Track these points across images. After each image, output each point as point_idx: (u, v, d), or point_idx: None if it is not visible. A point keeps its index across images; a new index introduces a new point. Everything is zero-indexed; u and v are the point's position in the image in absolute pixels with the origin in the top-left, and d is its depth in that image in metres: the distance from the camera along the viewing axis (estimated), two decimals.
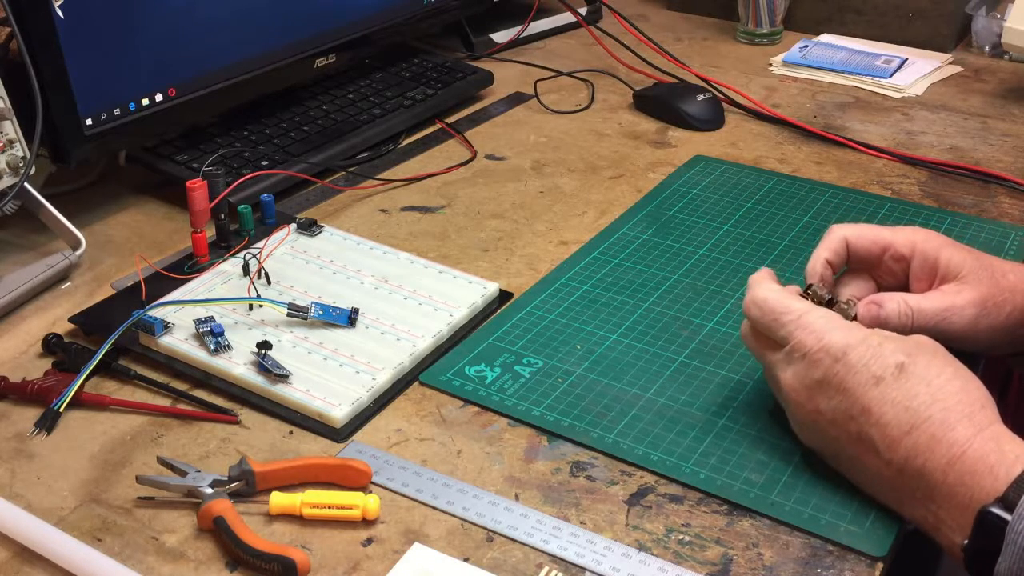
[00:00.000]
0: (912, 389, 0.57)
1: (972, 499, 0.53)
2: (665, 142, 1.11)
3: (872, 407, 0.58)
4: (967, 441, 0.55)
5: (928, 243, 0.69)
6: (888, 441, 0.57)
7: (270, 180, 0.96)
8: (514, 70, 1.30)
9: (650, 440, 0.67)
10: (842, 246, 0.70)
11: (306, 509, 0.60)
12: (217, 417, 0.69)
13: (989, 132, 1.13)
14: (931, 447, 0.55)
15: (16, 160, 0.81)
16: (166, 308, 0.76)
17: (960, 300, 0.66)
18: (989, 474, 0.53)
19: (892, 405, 0.57)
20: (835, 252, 0.70)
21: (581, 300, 0.82)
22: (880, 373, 0.58)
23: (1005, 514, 0.51)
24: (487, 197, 0.99)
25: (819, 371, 0.60)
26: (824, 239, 0.71)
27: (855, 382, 0.59)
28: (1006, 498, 0.52)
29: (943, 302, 0.66)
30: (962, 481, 0.54)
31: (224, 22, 0.98)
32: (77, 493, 0.63)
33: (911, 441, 0.56)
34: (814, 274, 0.69)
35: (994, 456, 0.54)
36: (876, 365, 0.58)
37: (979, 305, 0.66)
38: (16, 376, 0.72)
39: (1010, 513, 0.51)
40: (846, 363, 0.59)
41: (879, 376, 0.58)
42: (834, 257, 0.70)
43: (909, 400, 0.57)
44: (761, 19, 1.39)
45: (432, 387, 0.72)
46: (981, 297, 0.66)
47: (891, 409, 0.57)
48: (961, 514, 0.54)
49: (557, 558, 0.58)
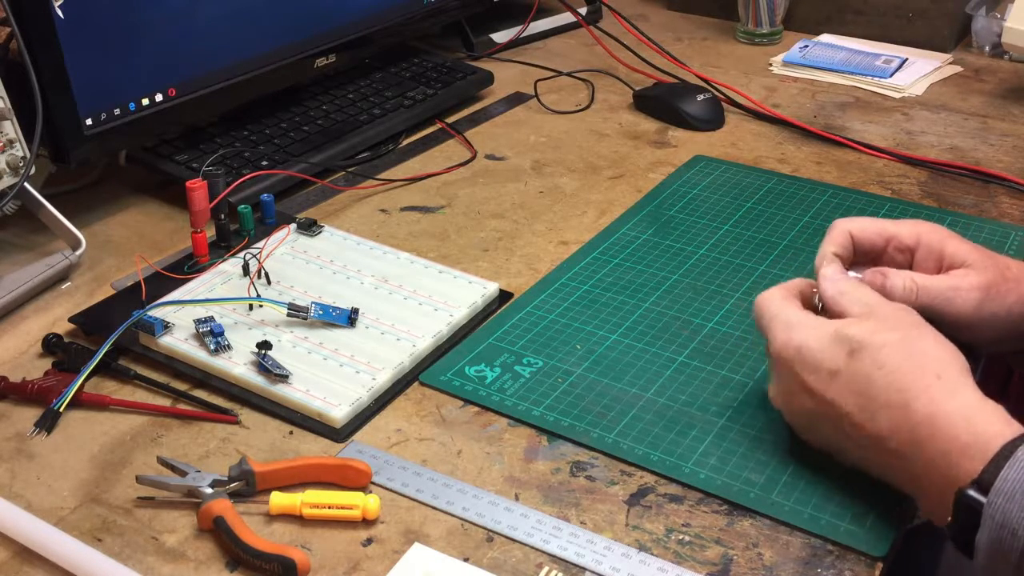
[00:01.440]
0: (865, 374, 0.58)
1: (947, 481, 0.54)
2: (665, 142, 1.11)
3: (836, 400, 0.59)
4: (929, 421, 0.55)
5: (932, 234, 0.69)
6: (857, 429, 0.58)
7: (270, 180, 0.96)
8: (514, 70, 1.30)
9: (650, 440, 0.67)
10: (847, 239, 0.70)
11: (306, 509, 0.60)
12: (217, 417, 0.69)
13: (989, 132, 1.13)
14: (894, 431, 0.56)
15: (16, 160, 0.81)
16: (166, 308, 0.76)
17: (965, 283, 0.66)
18: (962, 455, 0.53)
19: (851, 394, 0.58)
20: (841, 246, 0.70)
21: (581, 300, 0.82)
22: (833, 366, 0.59)
23: (980, 496, 0.51)
24: (487, 197, 0.99)
25: (785, 376, 0.62)
26: (829, 234, 0.71)
27: (815, 380, 0.60)
28: (981, 481, 0.52)
29: (949, 282, 0.66)
30: (933, 463, 0.55)
31: (224, 22, 0.98)
32: (77, 493, 0.63)
33: (875, 428, 0.57)
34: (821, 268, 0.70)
35: (965, 435, 0.54)
36: (828, 359, 0.59)
37: (984, 290, 0.66)
38: (16, 376, 0.72)
39: (985, 495, 0.51)
40: (803, 363, 0.61)
41: (833, 369, 0.59)
42: (840, 251, 0.70)
43: (865, 386, 0.58)
44: (761, 19, 1.39)
45: (432, 387, 0.72)
46: (986, 283, 0.66)
47: (851, 398, 0.58)
48: (939, 495, 0.54)
49: (557, 558, 0.58)
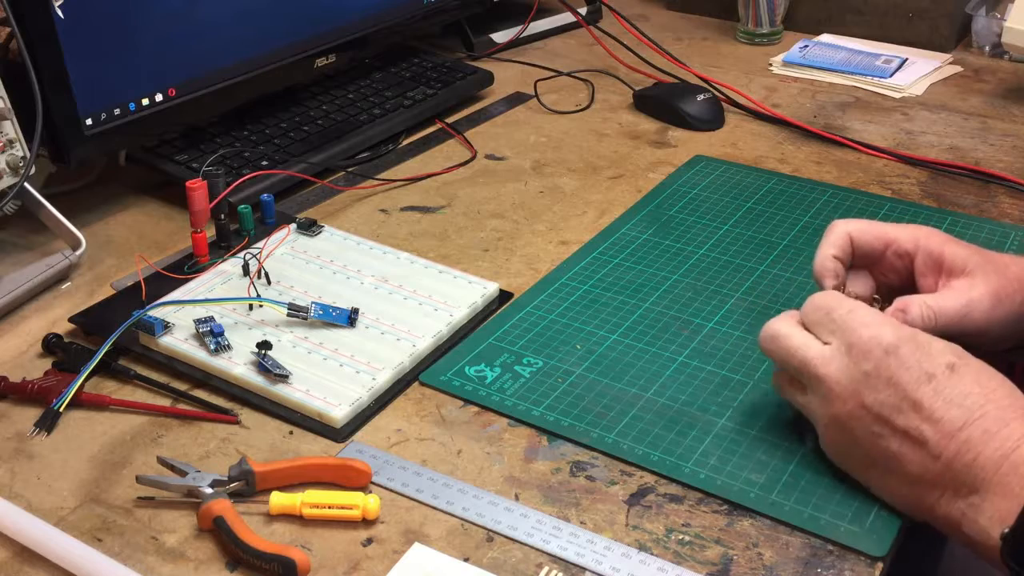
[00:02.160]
0: (964, 388, 0.57)
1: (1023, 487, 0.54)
2: (665, 142, 1.11)
3: (924, 402, 0.58)
4: (1021, 437, 0.55)
5: (931, 239, 0.69)
6: (940, 436, 0.57)
7: (270, 180, 0.96)
8: (514, 70, 1.30)
9: (650, 440, 0.67)
10: (846, 242, 0.70)
11: (306, 509, 0.60)
12: (217, 417, 0.69)
13: (989, 132, 1.13)
14: (985, 441, 0.56)
15: (16, 160, 0.81)
16: (166, 308, 0.76)
17: (976, 294, 0.66)
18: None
19: (945, 401, 0.57)
20: (840, 248, 0.69)
21: (581, 300, 0.82)
22: (932, 370, 0.58)
23: None
24: (487, 197, 0.99)
25: (869, 363, 0.59)
26: (827, 235, 0.70)
27: (907, 377, 0.58)
28: None
29: (961, 298, 0.66)
30: (1016, 471, 0.54)
31: (224, 22, 0.98)
32: (77, 493, 0.63)
33: (965, 436, 0.56)
34: (825, 271, 0.69)
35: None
36: (928, 362, 0.59)
37: (993, 297, 0.66)
38: (16, 376, 0.72)
39: None
40: (898, 357, 0.59)
41: (931, 373, 0.58)
42: (840, 253, 0.69)
43: (962, 398, 0.57)
44: (761, 19, 1.39)
45: (432, 387, 0.72)
46: (994, 289, 0.66)
47: (943, 405, 0.57)
48: (1007, 503, 0.54)
49: (557, 558, 0.58)
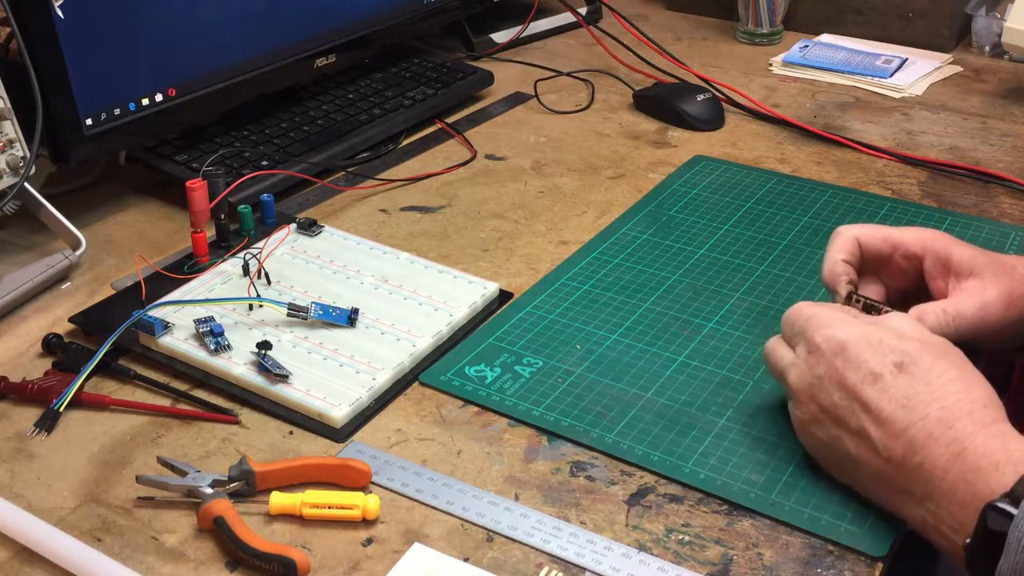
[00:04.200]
0: (911, 388, 0.57)
1: (975, 496, 0.53)
2: (665, 142, 1.11)
3: (871, 402, 0.58)
4: (967, 438, 0.54)
5: (937, 241, 0.69)
6: (885, 437, 0.57)
7: (270, 180, 0.96)
8: (514, 70, 1.30)
9: (650, 440, 0.67)
10: (854, 246, 0.70)
11: (306, 509, 0.60)
12: (217, 417, 0.69)
13: (989, 132, 1.13)
14: (928, 444, 0.55)
15: (16, 160, 0.81)
16: (166, 308, 0.76)
17: (989, 295, 0.66)
18: (995, 471, 0.53)
19: (889, 402, 0.57)
20: (849, 252, 0.69)
21: (581, 300, 0.82)
22: (878, 370, 0.58)
23: (1011, 508, 0.50)
24: (487, 197, 0.99)
25: (822, 366, 0.60)
26: (835, 241, 0.70)
27: (855, 377, 0.59)
28: (1014, 493, 0.51)
29: (976, 300, 0.66)
30: (964, 478, 0.53)
31: (224, 22, 0.98)
32: (77, 493, 0.63)
33: (907, 438, 0.56)
34: (836, 275, 0.69)
35: (999, 454, 0.53)
36: (874, 361, 0.59)
37: (1006, 297, 0.66)
38: (16, 376, 0.72)
39: (1016, 508, 0.50)
40: (845, 357, 0.59)
41: (877, 372, 0.58)
42: (849, 257, 0.69)
43: (907, 398, 0.57)
44: (761, 19, 1.39)
45: (432, 387, 0.72)
46: (1006, 289, 0.66)
47: (888, 405, 0.57)
48: (962, 511, 0.53)
49: (557, 558, 0.58)
